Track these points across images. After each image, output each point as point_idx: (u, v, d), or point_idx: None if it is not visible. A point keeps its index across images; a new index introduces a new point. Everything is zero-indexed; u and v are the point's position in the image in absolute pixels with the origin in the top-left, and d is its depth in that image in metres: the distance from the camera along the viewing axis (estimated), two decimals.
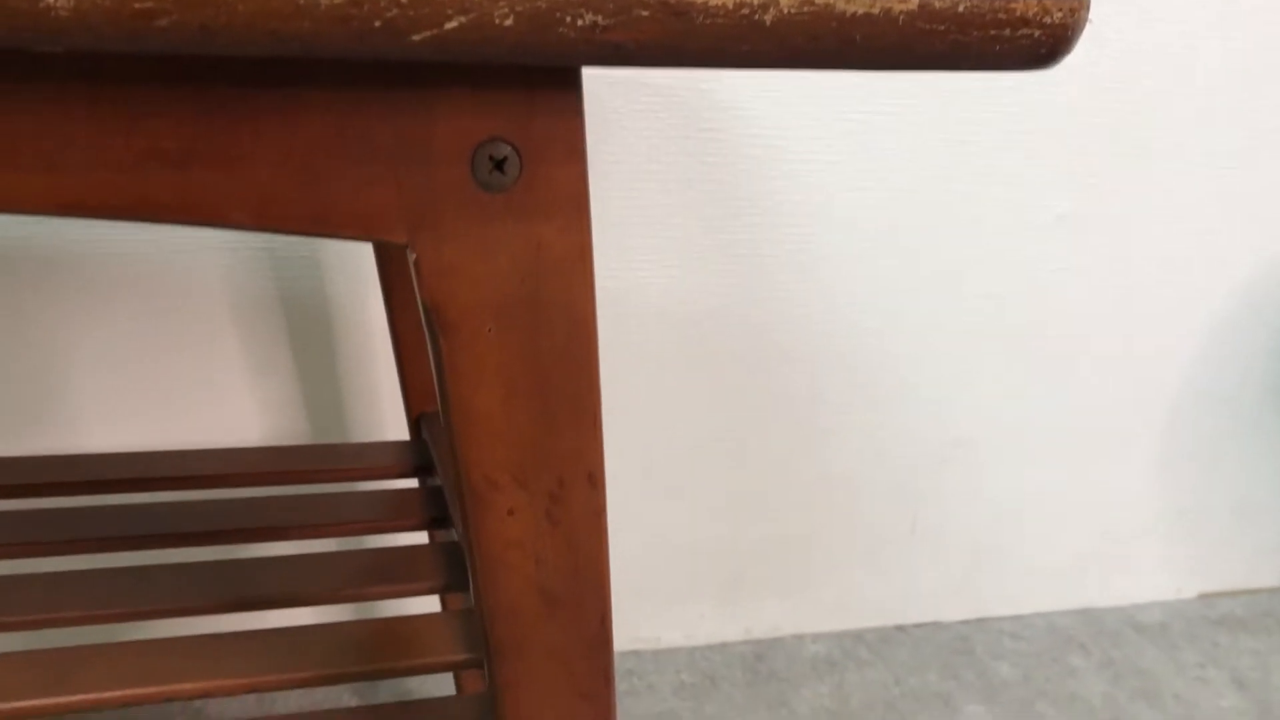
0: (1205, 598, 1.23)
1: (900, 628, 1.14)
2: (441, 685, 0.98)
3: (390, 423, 0.90)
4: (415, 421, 0.76)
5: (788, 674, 1.04)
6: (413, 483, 0.77)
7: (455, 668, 0.53)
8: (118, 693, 0.48)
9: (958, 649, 1.10)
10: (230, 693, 0.50)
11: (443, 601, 0.84)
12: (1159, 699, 1.03)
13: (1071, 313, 1.02)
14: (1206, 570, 1.22)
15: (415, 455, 0.74)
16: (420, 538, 0.87)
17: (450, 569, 0.60)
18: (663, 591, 1.05)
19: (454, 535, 0.64)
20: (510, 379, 0.35)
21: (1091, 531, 1.16)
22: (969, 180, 0.94)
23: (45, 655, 0.50)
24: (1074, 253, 1.00)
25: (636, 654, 1.06)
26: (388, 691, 0.96)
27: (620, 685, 1.00)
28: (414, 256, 0.32)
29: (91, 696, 0.48)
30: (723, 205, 0.89)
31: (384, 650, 0.53)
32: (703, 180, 0.88)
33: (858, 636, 1.11)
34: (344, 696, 0.95)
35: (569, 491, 0.38)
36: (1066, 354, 1.05)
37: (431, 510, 0.67)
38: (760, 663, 1.06)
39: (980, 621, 1.16)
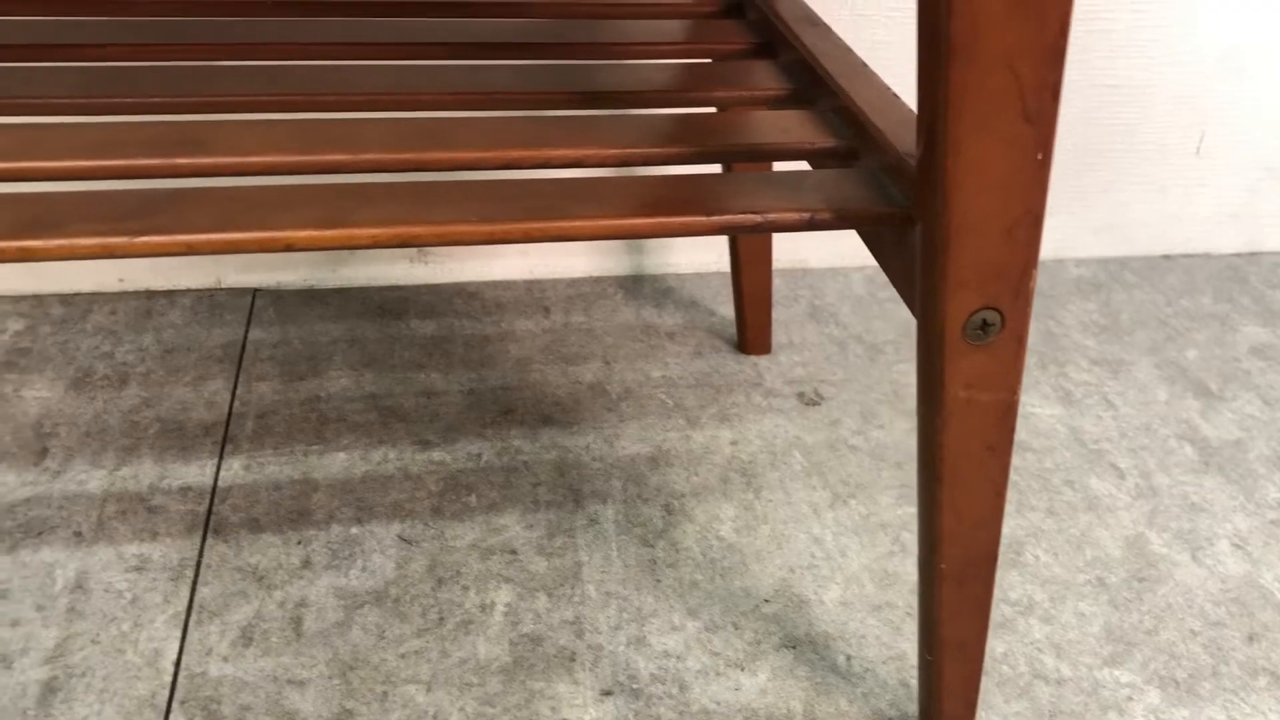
0: None
1: (1168, 256, 1.08)
2: (717, 338, 0.98)
3: None
4: None
5: (1052, 292, 1.00)
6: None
7: (818, 155, 0.50)
8: (494, 153, 0.47)
9: (1230, 278, 1.04)
10: (603, 163, 0.48)
11: None
12: None
13: None
14: None
15: None
16: None
17: (794, 79, 0.57)
18: None
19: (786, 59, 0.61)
20: None
21: None
22: None
23: (413, 122, 0.49)
24: None
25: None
26: (650, 286, 0.97)
27: (862, 300, 0.98)
28: None
29: (463, 155, 0.47)
30: None
31: (752, 134, 0.50)
32: None
33: (1122, 263, 1.06)
34: (610, 289, 0.96)
35: None
36: None
37: (756, 38, 0.63)
38: None
39: (1254, 255, 1.09)
